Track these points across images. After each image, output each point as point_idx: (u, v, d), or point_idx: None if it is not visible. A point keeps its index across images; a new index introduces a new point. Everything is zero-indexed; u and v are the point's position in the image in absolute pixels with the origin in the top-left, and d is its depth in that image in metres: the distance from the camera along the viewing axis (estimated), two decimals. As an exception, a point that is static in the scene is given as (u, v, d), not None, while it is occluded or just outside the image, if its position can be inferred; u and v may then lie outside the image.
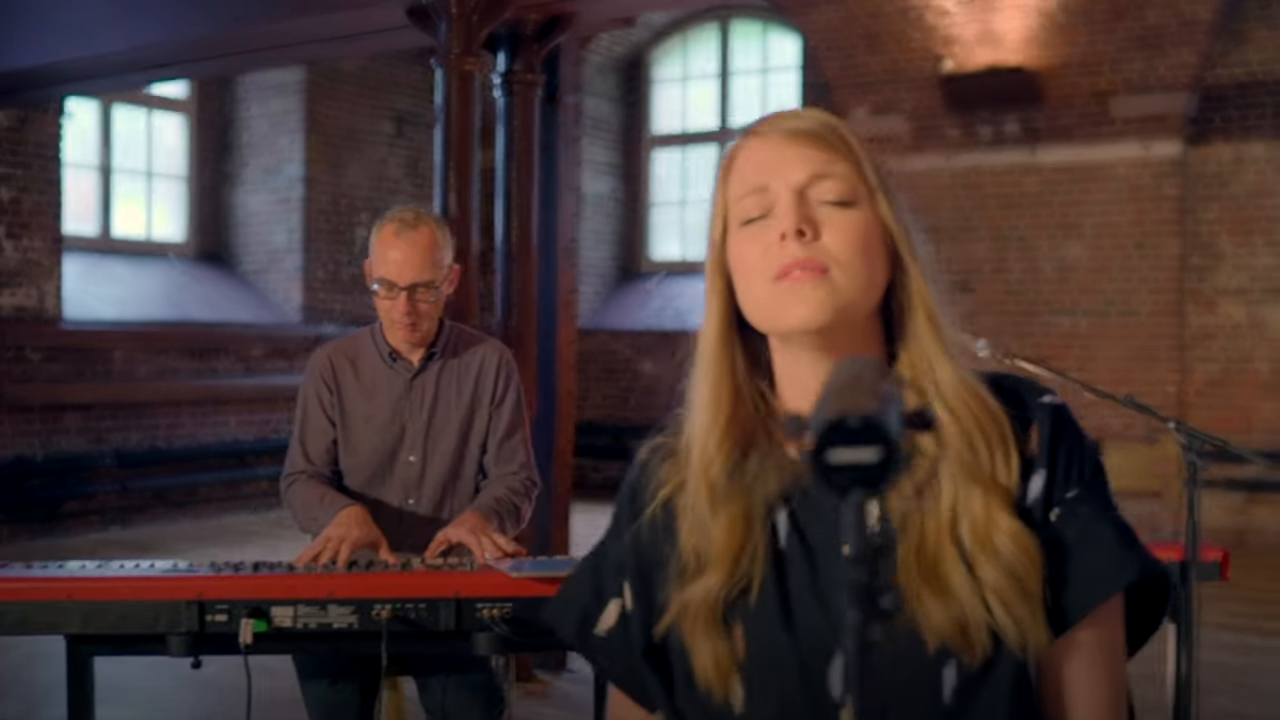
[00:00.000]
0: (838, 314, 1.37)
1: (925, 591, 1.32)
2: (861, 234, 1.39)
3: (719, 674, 1.38)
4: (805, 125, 1.43)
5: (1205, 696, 5.69)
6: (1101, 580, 1.36)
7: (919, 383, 1.40)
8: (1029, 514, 1.36)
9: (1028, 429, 1.40)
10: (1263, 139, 9.74)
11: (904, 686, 1.32)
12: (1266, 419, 9.74)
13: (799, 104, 11.94)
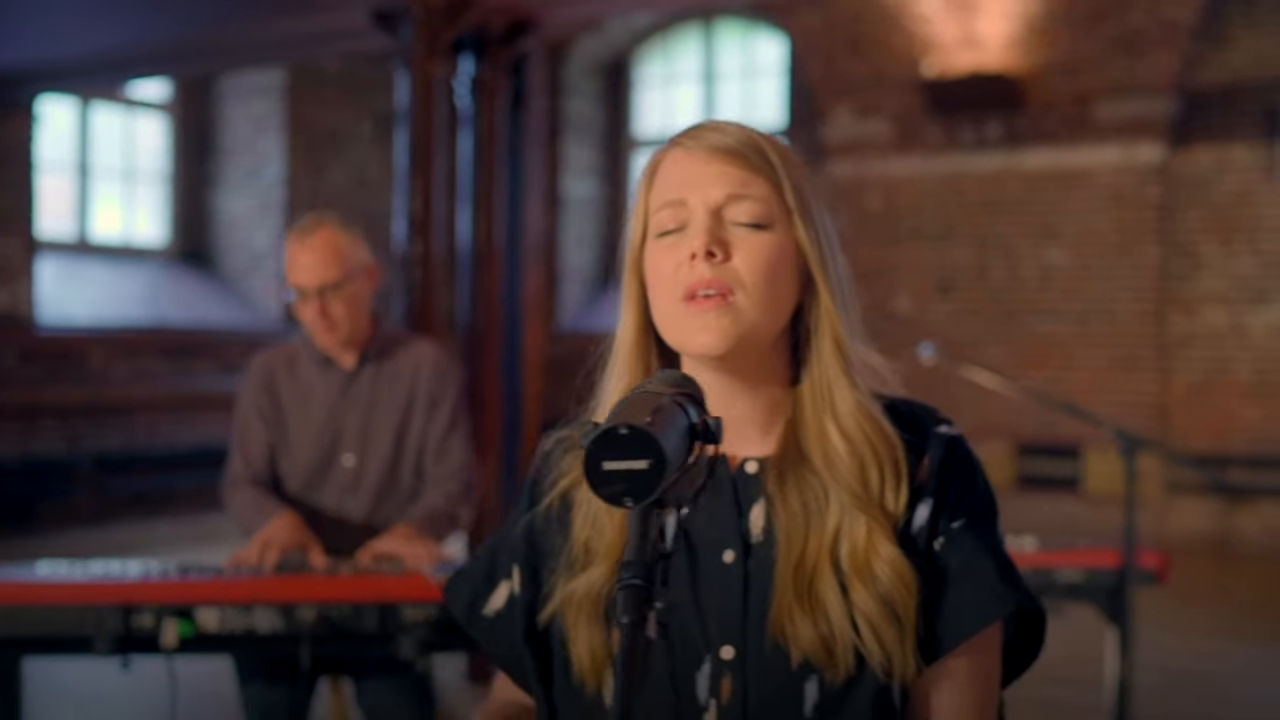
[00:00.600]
0: (740, 341, 1.38)
1: (797, 608, 1.34)
2: (772, 258, 1.40)
3: (594, 666, 1.39)
4: (729, 142, 1.42)
5: (1174, 702, 5.69)
6: (978, 611, 1.38)
7: (816, 405, 1.41)
8: (913, 540, 1.38)
9: (921, 457, 1.43)
10: (1245, 143, 9.73)
11: (769, 695, 1.34)
12: (1248, 425, 9.72)
13: (784, 108, 11.95)
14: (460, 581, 1.59)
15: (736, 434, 1.44)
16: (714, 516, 1.41)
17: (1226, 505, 9.74)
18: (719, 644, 1.37)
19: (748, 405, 1.44)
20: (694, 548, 1.40)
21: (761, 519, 1.41)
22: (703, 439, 1.17)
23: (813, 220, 1.44)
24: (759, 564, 1.39)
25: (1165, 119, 9.71)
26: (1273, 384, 9.64)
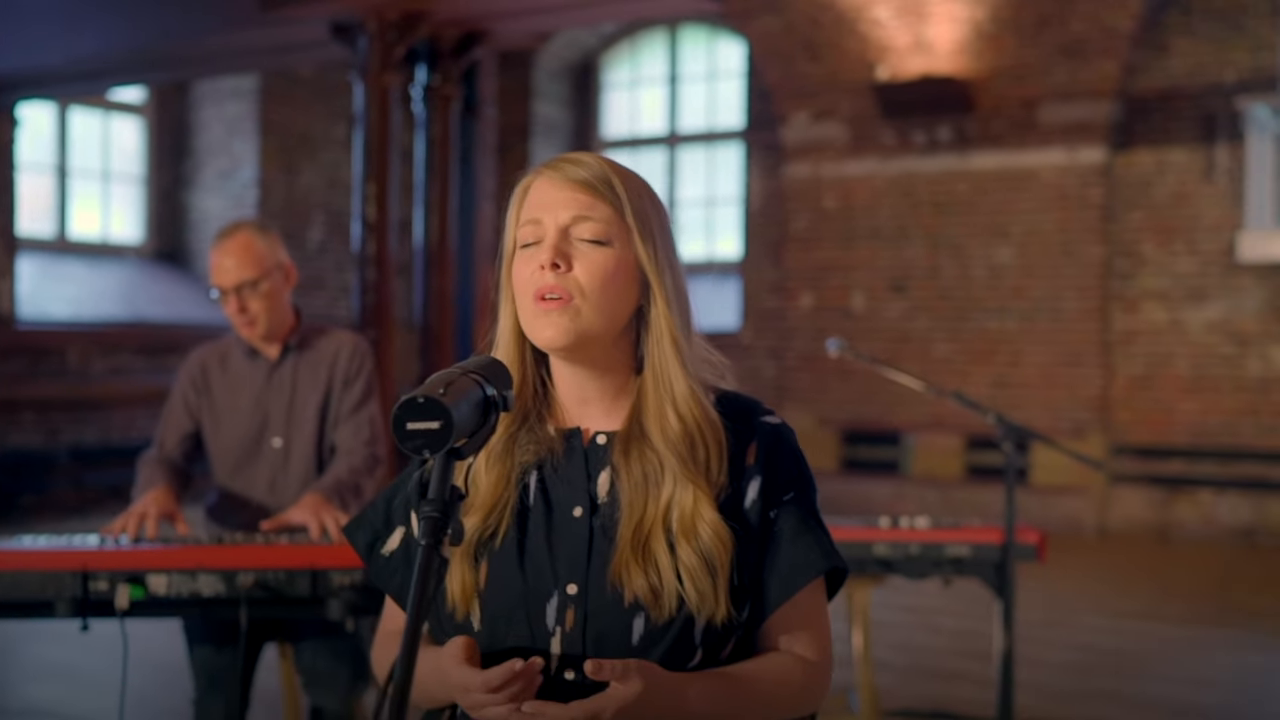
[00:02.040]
0: (579, 337, 1.69)
1: (633, 561, 1.67)
2: (609, 270, 1.70)
3: (464, 597, 1.72)
4: (580, 174, 1.73)
5: (1099, 678, 6.03)
6: (809, 566, 1.74)
7: (657, 390, 1.74)
8: (747, 513, 1.73)
9: (749, 442, 1.76)
10: (1183, 146, 10.09)
11: (604, 626, 1.68)
12: (1187, 417, 10.08)
13: (743, 110, 12.29)
14: (360, 525, 1.91)
15: (588, 412, 1.77)
16: (568, 479, 1.74)
17: (1166, 495, 10.11)
18: (566, 581, 1.69)
19: (597, 389, 1.77)
20: (550, 503, 1.73)
21: (607, 483, 1.73)
22: (499, 409, 1.51)
23: (651, 238, 1.74)
24: (603, 519, 1.71)
25: (1107, 123, 10.07)
26: (1210, 379, 10.00)
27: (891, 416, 10.82)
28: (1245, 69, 9.89)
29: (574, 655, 1.67)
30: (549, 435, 1.77)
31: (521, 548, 1.72)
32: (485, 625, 1.70)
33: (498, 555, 1.72)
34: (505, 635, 1.69)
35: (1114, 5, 9.80)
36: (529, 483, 1.75)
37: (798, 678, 1.74)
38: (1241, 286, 9.89)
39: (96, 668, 5.77)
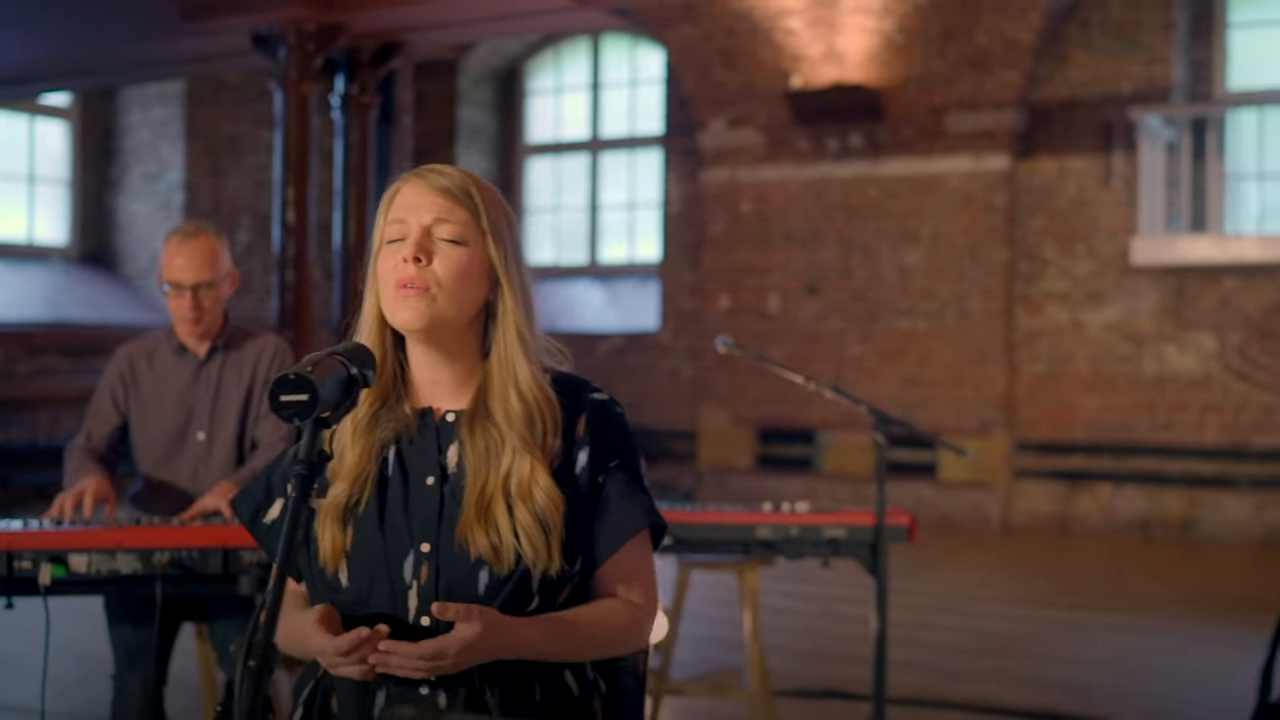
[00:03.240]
0: (433, 321, 1.95)
1: (476, 524, 1.95)
2: (464, 266, 1.96)
3: (334, 557, 1.98)
4: (443, 182, 2.00)
5: (988, 659, 6.36)
6: (635, 522, 2.03)
7: (502, 374, 2.00)
8: (578, 478, 2.01)
9: (579, 416, 2.04)
10: (1083, 153, 10.49)
11: (453, 579, 1.95)
12: (1087, 414, 10.48)
13: (663, 117, 12.59)
14: (247, 497, 2.17)
15: (440, 393, 2.04)
16: (422, 452, 2.01)
17: (1067, 489, 10.51)
18: (420, 540, 1.97)
19: (448, 371, 2.03)
20: (407, 473, 2.01)
21: (455, 456, 1.99)
22: (360, 385, 1.78)
23: (503, 242, 2.01)
24: (451, 487, 1.98)
25: (1011, 131, 10.45)
26: (1108, 377, 10.40)
27: (806, 415, 11.14)
28: (1140, 81, 10.31)
29: (429, 604, 1.94)
30: (406, 414, 2.03)
31: (382, 513, 1.98)
32: (352, 581, 1.97)
33: (362, 520, 1.98)
34: (369, 589, 1.96)
35: (1016, 18, 10.19)
36: (388, 456, 2.02)
37: (625, 619, 2.02)
38: (1137, 289, 10.31)
39: (18, 653, 5.94)
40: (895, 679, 5.79)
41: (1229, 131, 10.40)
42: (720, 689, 5.11)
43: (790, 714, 5.22)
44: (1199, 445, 10.13)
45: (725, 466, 11.35)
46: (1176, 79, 10.33)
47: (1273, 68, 10.46)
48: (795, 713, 5.33)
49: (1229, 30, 10.59)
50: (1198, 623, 7.17)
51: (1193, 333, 10.15)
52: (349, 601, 1.96)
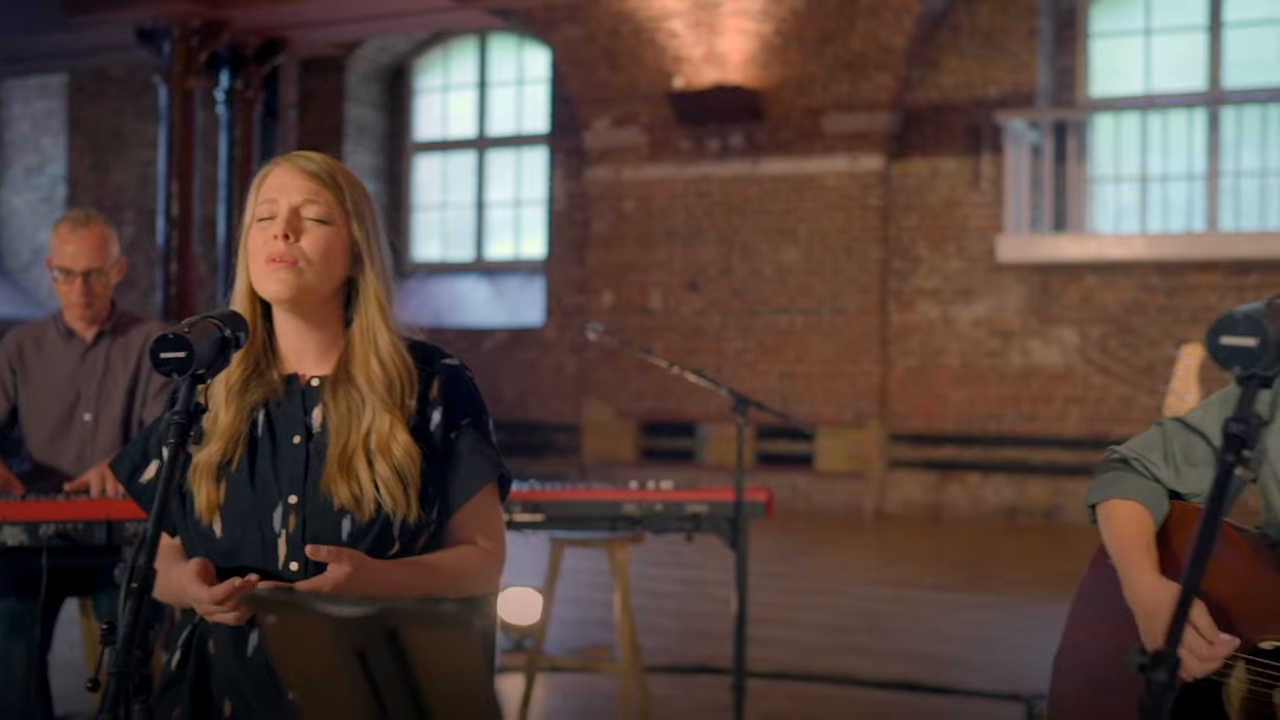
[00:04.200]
0: (300, 292, 2.16)
1: (339, 477, 2.16)
2: (329, 243, 2.17)
3: (209, 510, 2.18)
4: (311, 166, 2.21)
5: (851, 636, 6.66)
6: (483, 474, 2.25)
7: (363, 341, 2.21)
8: (432, 435, 2.22)
9: (433, 379, 2.25)
10: (954, 155, 10.89)
11: (319, 527, 2.16)
12: (957, 406, 10.88)
13: (548, 116, 12.79)
14: (124, 459, 2.37)
15: (305, 360, 2.25)
16: (289, 414, 2.22)
17: (938, 479, 10.90)
18: (288, 493, 2.17)
19: (314, 340, 2.24)
20: (275, 433, 2.21)
21: (320, 417, 2.20)
22: (233, 346, 1.99)
23: (364, 223, 2.22)
24: (316, 444, 2.19)
25: (885, 132, 10.82)
26: (977, 371, 10.81)
27: (688, 408, 11.42)
28: (1006, 86, 10.73)
29: (297, 551, 2.15)
30: (274, 380, 2.23)
31: (252, 469, 2.19)
32: (226, 532, 2.17)
33: (234, 476, 2.18)
34: (242, 539, 2.16)
35: (890, 24, 10.55)
36: (258, 418, 2.22)
37: (479, 563, 2.25)
38: (1004, 286, 10.73)
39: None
40: (764, 655, 6.08)
41: (1090, 136, 10.86)
42: (592, 663, 5.33)
43: (661, 689, 5.44)
44: (1062, 436, 10.57)
45: (609, 459, 11.58)
46: (1041, 85, 10.77)
47: (1130, 75, 10.95)
48: (666, 688, 5.56)
49: (1090, 39, 11.06)
50: (1052, 602, 7.52)
51: (1056, 328, 10.59)
52: (222, 551, 2.16)
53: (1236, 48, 10.73)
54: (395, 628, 1.09)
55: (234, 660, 2.16)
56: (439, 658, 1.09)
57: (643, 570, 7.48)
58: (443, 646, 1.08)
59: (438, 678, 1.11)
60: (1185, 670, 1.84)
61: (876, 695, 5.61)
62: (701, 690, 5.64)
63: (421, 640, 1.09)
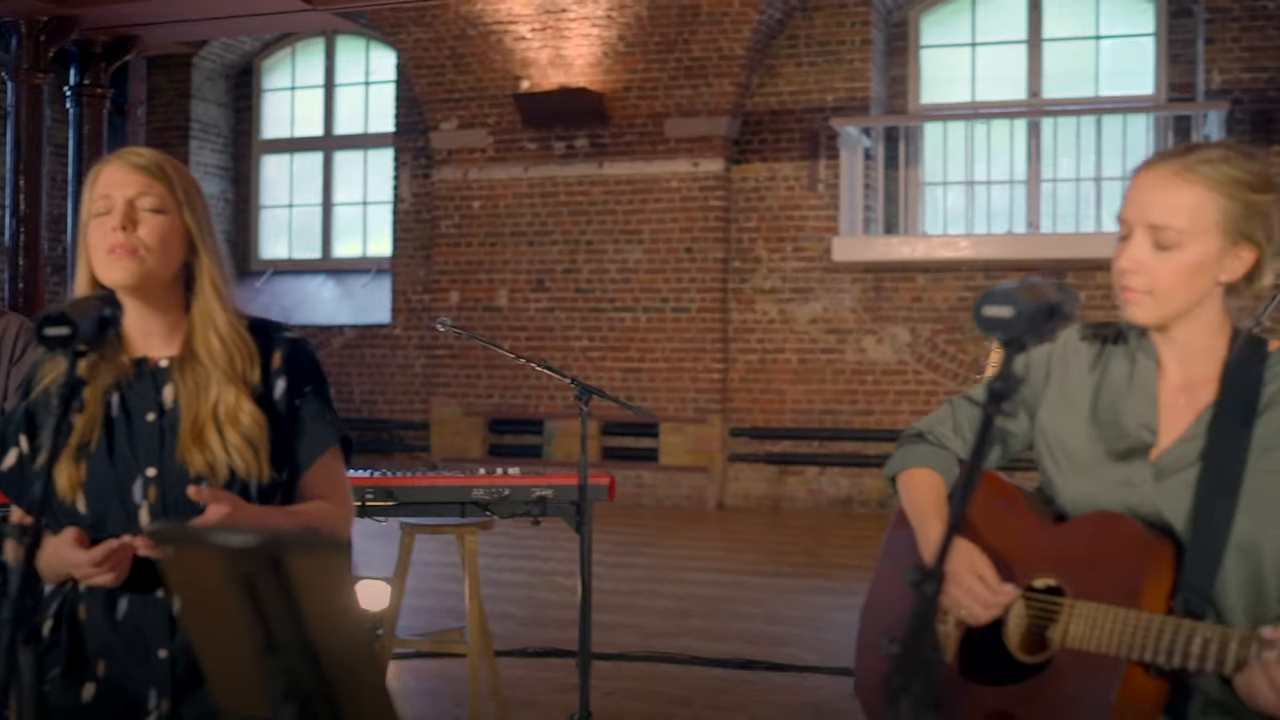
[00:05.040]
0: (143, 279, 2.33)
1: (193, 447, 2.34)
2: (165, 230, 2.35)
3: (70, 488, 2.33)
4: (141, 161, 2.38)
5: (692, 619, 6.92)
6: (326, 438, 2.45)
7: (203, 322, 2.38)
8: (277, 403, 2.40)
9: (274, 351, 2.44)
10: (791, 160, 11.27)
11: (176, 497, 2.33)
12: (795, 401, 11.26)
13: (395, 116, 12.87)
14: None
15: (152, 343, 2.41)
16: (141, 394, 2.38)
17: (778, 472, 11.27)
18: (146, 467, 2.34)
19: (159, 323, 2.41)
20: (130, 413, 2.38)
21: (171, 394, 2.37)
22: (112, 325, 2.15)
23: (195, 211, 2.40)
24: (169, 420, 2.36)
25: (725, 137, 11.15)
26: (814, 367, 11.20)
27: (535, 405, 11.62)
28: (841, 93, 11.14)
29: (158, 520, 2.31)
30: (123, 363, 2.39)
31: (111, 448, 2.35)
32: (89, 507, 2.32)
33: (94, 455, 2.34)
34: (105, 513, 2.32)
35: (730, 32, 10.88)
36: (111, 400, 2.38)
37: (332, 517, 2.43)
38: (839, 285, 11.13)
39: None
40: (610, 639, 6.31)
41: (920, 142, 11.33)
42: (443, 645, 5.50)
43: (510, 672, 5.64)
44: (895, 429, 10.98)
45: (458, 456, 11.72)
46: (874, 93, 11.20)
47: (957, 85, 11.46)
48: (515, 670, 5.77)
49: (920, 51, 11.54)
50: (883, 585, 7.91)
51: (889, 325, 11.03)
52: (87, 525, 2.30)
53: (1054, 61, 11.30)
54: (280, 555, 1.28)
55: (105, 624, 2.31)
56: (319, 582, 1.28)
57: (492, 562, 7.66)
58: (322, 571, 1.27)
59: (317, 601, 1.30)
60: (973, 616, 2.11)
61: (716, 673, 5.88)
62: (549, 672, 5.85)
63: (303, 566, 1.28)
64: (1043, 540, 2.13)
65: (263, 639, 1.35)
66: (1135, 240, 2.01)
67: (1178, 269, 1.99)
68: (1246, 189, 1.98)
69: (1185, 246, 1.98)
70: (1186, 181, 1.99)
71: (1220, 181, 1.98)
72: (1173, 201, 1.99)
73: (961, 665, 2.16)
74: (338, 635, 1.33)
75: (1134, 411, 2.11)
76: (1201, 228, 1.98)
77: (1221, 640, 1.82)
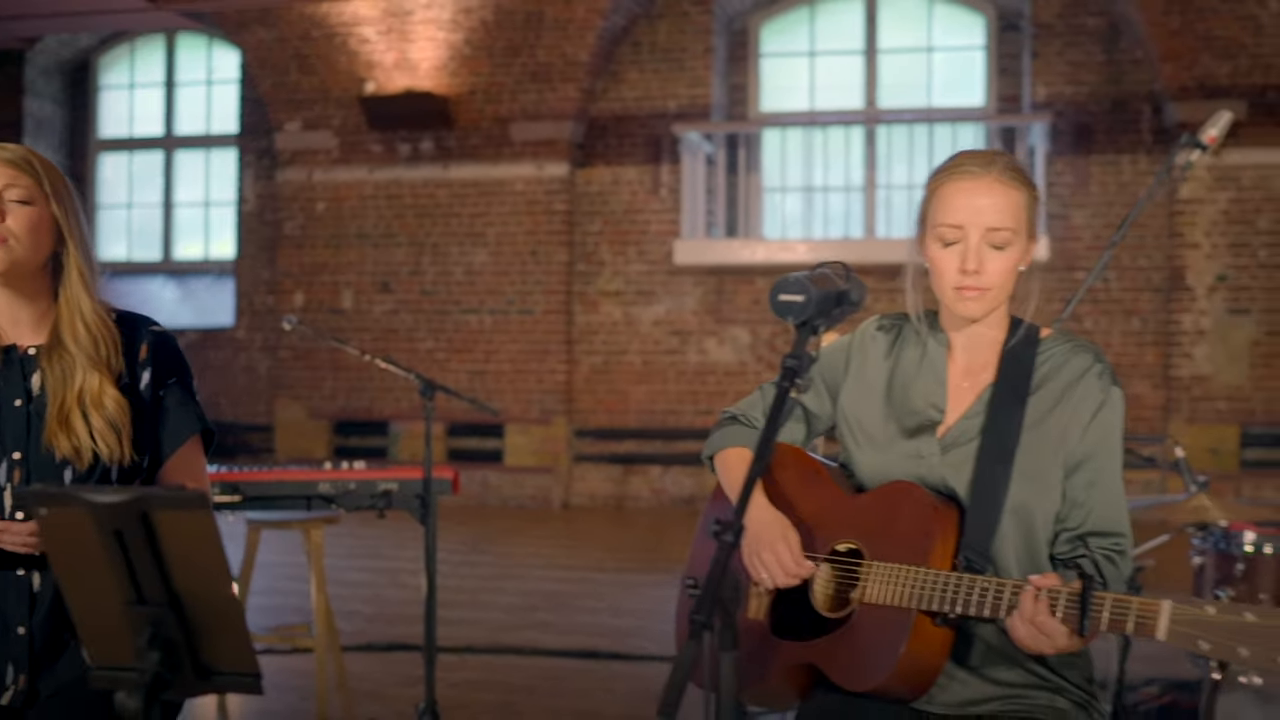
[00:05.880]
0: (12, 267, 2.43)
1: (59, 432, 2.44)
2: (34, 220, 2.45)
3: None
4: (7, 155, 2.48)
5: (538, 614, 7.07)
6: (190, 427, 2.59)
7: (70, 311, 2.47)
8: (142, 393, 2.52)
9: (141, 344, 2.56)
10: (635, 164, 11.50)
11: (43, 479, 2.43)
12: (639, 402, 11.48)
13: (238, 116, 12.80)
14: None
15: (21, 331, 2.51)
16: (9, 380, 2.48)
17: (622, 472, 11.48)
18: (12, 451, 2.45)
19: (28, 312, 2.51)
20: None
21: (39, 381, 2.48)
22: None
23: (63, 202, 2.50)
24: (36, 405, 2.47)
25: (570, 141, 11.33)
26: (657, 368, 11.44)
27: (380, 407, 11.67)
28: (684, 100, 11.41)
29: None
30: None
31: None
32: None
33: None
34: None
35: (574, 38, 11.07)
36: None
37: None
38: (681, 288, 11.39)
39: None
40: (456, 633, 6.45)
41: (760, 148, 11.65)
42: (289, 638, 5.58)
43: (357, 666, 5.74)
44: (735, 429, 11.29)
45: (302, 458, 11.69)
46: (715, 100, 11.49)
47: (796, 93, 11.80)
48: (362, 664, 5.87)
49: (760, 59, 11.86)
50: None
51: (730, 327, 11.31)
52: None
53: (890, 72, 11.71)
54: (147, 510, 1.41)
55: None
56: (183, 535, 1.42)
57: (338, 562, 7.71)
58: (186, 525, 1.41)
59: (183, 554, 1.44)
60: (777, 581, 2.32)
61: (560, 663, 6.05)
62: (396, 666, 5.96)
63: (169, 521, 1.41)
64: (844, 509, 2.35)
65: (130, 591, 1.48)
66: (973, 244, 2.24)
67: (1009, 266, 2.25)
68: (1032, 187, 2.26)
69: (1014, 244, 2.24)
70: (1010, 186, 2.24)
71: (1025, 183, 2.25)
72: (1004, 205, 2.23)
73: (772, 625, 2.37)
74: (202, 586, 1.46)
75: (924, 393, 2.35)
76: (1021, 226, 2.25)
77: (996, 589, 2.05)
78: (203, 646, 1.50)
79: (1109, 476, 2.23)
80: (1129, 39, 10.63)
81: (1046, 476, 2.21)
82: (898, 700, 2.23)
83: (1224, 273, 10.24)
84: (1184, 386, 10.36)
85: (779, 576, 2.30)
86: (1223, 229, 10.24)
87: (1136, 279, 10.64)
